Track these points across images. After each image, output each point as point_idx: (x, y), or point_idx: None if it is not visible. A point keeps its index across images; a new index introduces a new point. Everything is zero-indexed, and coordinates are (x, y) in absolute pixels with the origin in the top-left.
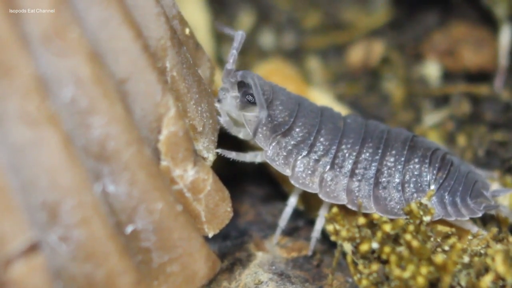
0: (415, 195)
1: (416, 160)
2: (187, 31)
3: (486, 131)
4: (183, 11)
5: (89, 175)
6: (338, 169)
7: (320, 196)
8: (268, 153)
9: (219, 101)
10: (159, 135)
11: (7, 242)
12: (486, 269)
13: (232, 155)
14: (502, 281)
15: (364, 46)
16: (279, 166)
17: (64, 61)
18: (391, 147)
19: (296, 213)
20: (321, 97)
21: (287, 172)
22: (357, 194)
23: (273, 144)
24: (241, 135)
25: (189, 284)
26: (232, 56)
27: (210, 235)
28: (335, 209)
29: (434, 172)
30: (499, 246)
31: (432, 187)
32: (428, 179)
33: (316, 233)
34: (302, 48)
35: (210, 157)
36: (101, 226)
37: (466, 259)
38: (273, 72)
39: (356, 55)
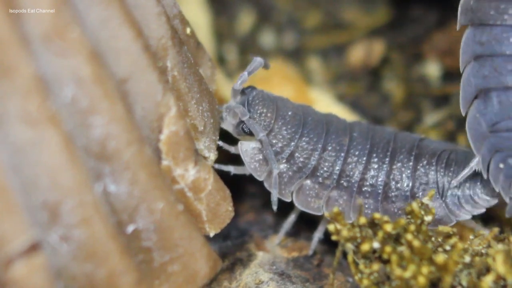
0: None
1: (422, 170)
2: (188, 30)
3: None
4: (184, 10)
5: (89, 175)
6: (343, 189)
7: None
8: (266, 183)
9: (221, 118)
10: (160, 135)
11: (8, 241)
12: (488, 269)
13: (230, 169)
14: (504, 281)
15: (364, 46)
16: (280, 193)
17: (64, 61)
18: (397, 159)
19: None
20: (321, 97)
21: (288, 199)
22: (366, 211)
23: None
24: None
25: (190, 284)
26: (242, 77)
27: (211, 234)
28: (336, 209)
29: (441, 175)
30: (500, 246)
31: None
32: (438, 185)
33: (319, 233)
34: (303, 48)
35: (211, 157)
36: (102, 226)
37: (467, 259)
38: (273, 72)
39: (357, 55)
